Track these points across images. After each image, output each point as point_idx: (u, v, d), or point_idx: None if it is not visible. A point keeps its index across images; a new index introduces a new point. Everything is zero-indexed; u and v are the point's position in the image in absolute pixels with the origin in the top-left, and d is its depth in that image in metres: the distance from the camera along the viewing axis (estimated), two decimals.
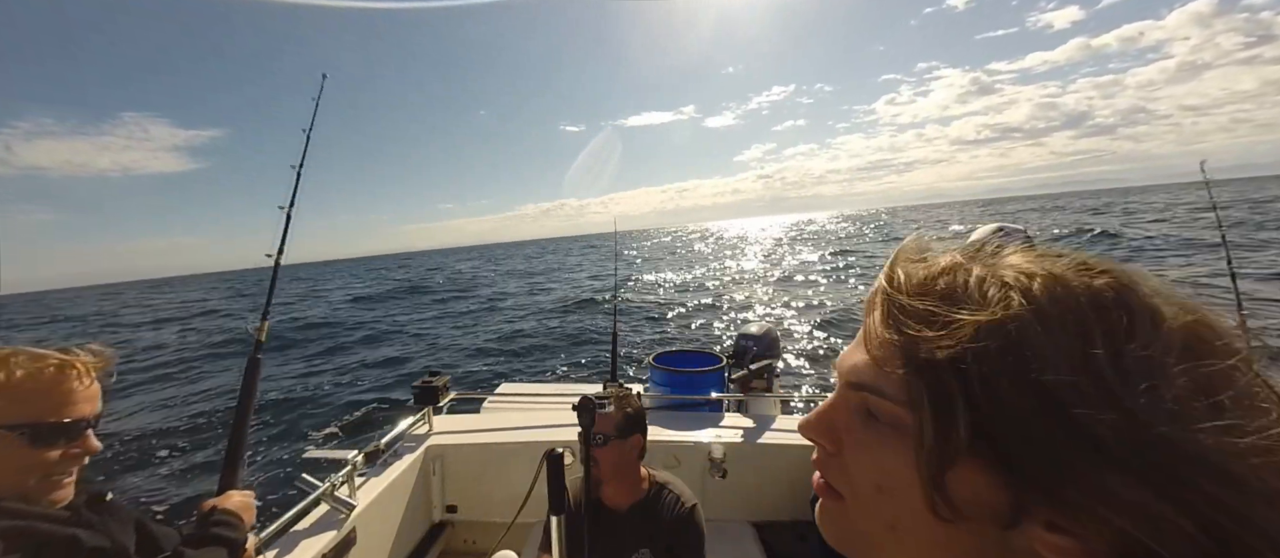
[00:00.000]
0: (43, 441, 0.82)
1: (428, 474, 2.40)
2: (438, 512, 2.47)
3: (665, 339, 10.59)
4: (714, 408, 2.71)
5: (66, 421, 0.85)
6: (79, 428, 0.86)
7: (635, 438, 1.47)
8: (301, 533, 1.70)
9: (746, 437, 2.41)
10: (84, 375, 0.87)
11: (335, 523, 1.77)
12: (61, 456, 0.84)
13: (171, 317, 26.07)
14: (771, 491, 2.39)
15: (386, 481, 2.10)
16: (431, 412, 2.58)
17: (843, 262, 22.85)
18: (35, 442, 0.82)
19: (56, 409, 0.84)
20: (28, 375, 0.82)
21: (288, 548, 1.63)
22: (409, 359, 10.50)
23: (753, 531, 2.37)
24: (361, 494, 1.94)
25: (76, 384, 0.86)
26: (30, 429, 0.81)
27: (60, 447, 0.84)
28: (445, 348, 11.43)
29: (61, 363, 0.85)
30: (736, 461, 2.31)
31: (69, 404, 0.85)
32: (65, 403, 0.84)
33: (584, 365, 8.89)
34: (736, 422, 2.56)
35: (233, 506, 1.19)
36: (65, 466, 0.85)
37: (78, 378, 0.86)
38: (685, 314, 12.95)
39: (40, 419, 0.82)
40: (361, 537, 1.86)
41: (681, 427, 2.46)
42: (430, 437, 2.46)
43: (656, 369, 2.98)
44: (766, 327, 3.07)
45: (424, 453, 2.37)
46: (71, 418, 0.85)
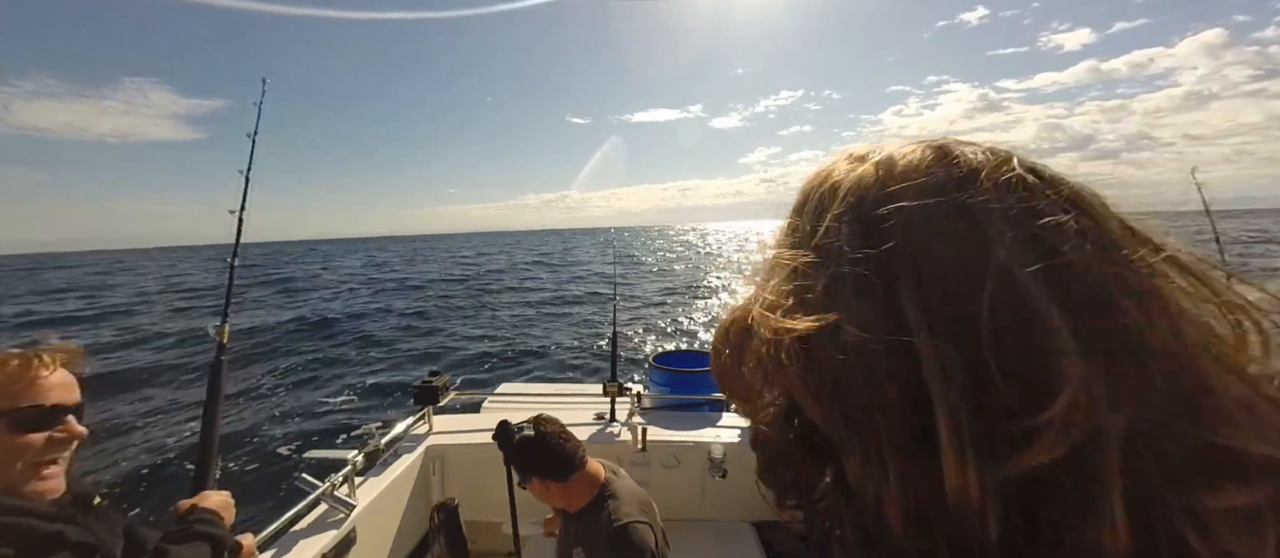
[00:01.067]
0: (21, 427, 0.82)
1: (428, 474, 2.40)
2: None
3: (666, 339, 10.57)
4: (714, 408, 2.71)
5: (45, 405, 0.85)
6: (57, 413, 0.86)
7: (533, 483, 1.48)
8: (301, 533, 1.70)
9: (747, 437, 2.41)
10: (50, 365, 0.88)
11: (335, 523, 1.77)
12: (45, 442, 0.84)
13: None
14: None
15: (386, 480, 2.10)
16: (431, 412, 2.58)
17: None
18: (13, 429, 0.82)
19: (30, 395, 0.84)
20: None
21: (288, 548, 1.63)
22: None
23: (753, 531, 2.36)
24: (361, 494, 1.93)
25: (44, 372, 0.86)
26: (5, 416, 0.81)
27: (42, 431, 0.84)
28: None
29: (25, 355, 0.86)
30: (737, 461, 2.31)
31: (42, 390, 0.85)
32: (38, 389, 0.85)
33: (583, 366, 8.88)
34: (736, 422, 2.55)
35: (212, 504, 1.18)
36: (49, 452, 0.85)
37: (44, 366, 0.87)
38: (686, 313, 12.95)
39: (14, 406, 0.82)
40: (361, 537, 1.86)
41: (681, 427, 2.46)
42: (430, 437, 2.46)
43: (657, 369, 2.98)
44: None
45: (424, 453, 2.37)
46: (49, 403, 0.85)
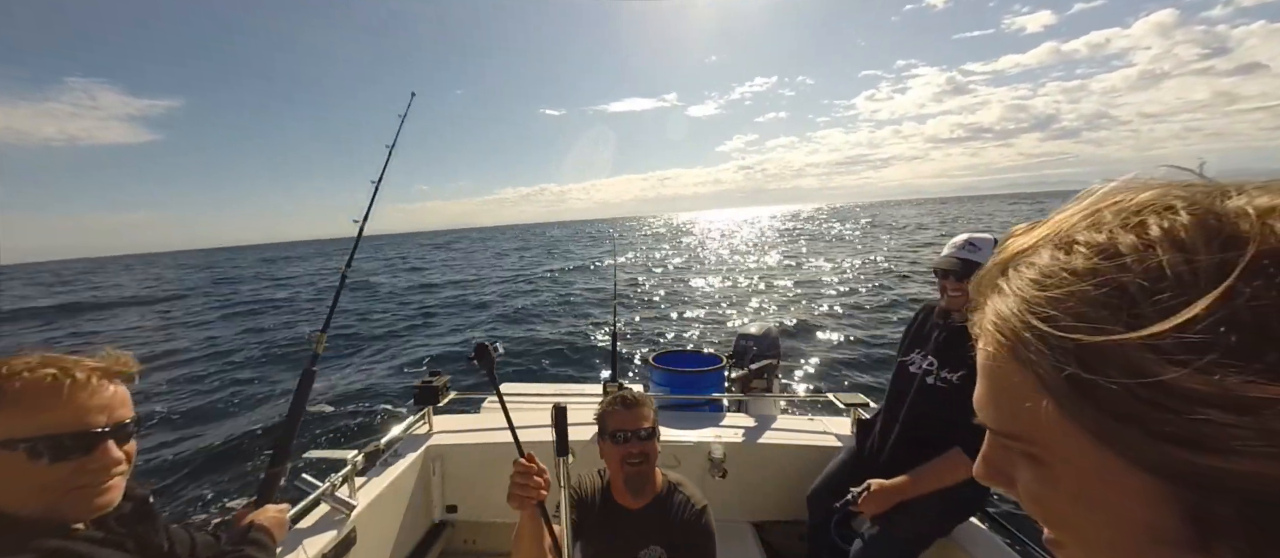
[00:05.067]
0: (49, 456, 0.75)
1: (428, 474, 2.40)
2: (438, 512, 2.47)
3: (669, 336, 10.57)
4: (714, 408, 2.72)
5: (81, 431, 0.78)
6: (93, 439, 0.79)
7: (659, 434, 1.51)
8: (301, 533, 1.70)
9: (746, 437, 2.42)
10: (89, 381, 0.80)
11: (335, 523, 1.77)
12: (78, 470, 0.78)
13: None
14: (771, 491, 2.39)
15: (386, 481, 2.10)
16: (431, 412, 2.58)
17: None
18: (44, 457, 0.75)
19: (64, 420, 0.77)
20: (26, 387, 0.75)
21: (288, 548, 1.63)
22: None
23: (753, 531, 2.37)
24: (361, 494, 1.93)
25: (82, 392, 0.79)
26: (29, 445, 0.74)
27: (74, 460, 0.77)
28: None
29: (61, 370, 0.78)
30: (736, 460, 2.31)
31: (80, 414, 0.78)
32: (75, 412, 0.78)
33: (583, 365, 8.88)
34: (736, 422, 2.56)
35: (267, 521, 1.20)
36: (91, 479, 0.79)
37: (83, 386, 0.79)
38: (687, 310, 12.95)
39: (41, 433, 0.75)
40: (361, 537, 1.86)
41: (681, 427, 2.46)
42: (430, 437, 2.46)
43: (657, 369, 2.98)
44: (766, 327, 3.07)
45: (424, 453, 2.37)
46: (85, 428, 0.78)
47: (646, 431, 1.44)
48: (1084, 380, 0.25)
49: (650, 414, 1.46)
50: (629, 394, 1.49)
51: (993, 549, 1.82)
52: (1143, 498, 0.25)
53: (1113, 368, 0.24)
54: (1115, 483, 0.26)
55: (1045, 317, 0.27)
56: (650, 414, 1.46)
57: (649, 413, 1.46)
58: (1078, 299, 0.26)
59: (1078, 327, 0.25)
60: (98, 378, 0.81)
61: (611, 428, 1.45)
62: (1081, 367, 0.25)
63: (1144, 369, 0.23)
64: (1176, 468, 0.23)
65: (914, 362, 1.85)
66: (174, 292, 28.06)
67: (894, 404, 1.89)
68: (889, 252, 24.44)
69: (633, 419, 1.44)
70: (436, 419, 2.59)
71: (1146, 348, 0.23)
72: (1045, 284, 0.27)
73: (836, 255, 23.98)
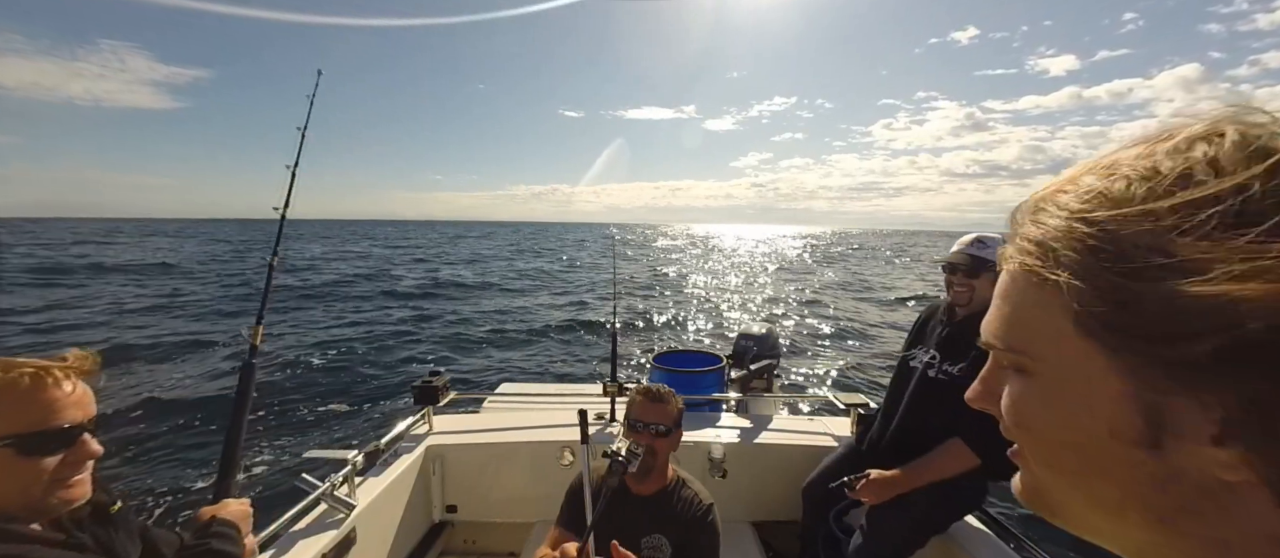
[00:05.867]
0: (35, 451, 0.79)
1: (428, 474, 2.40)
2: (438, 512, 2.47)
3: (668, 337, 10.55)
4: (714, 408, 2.72)
5: (62, 427, 0.82)
6: (72, 434, 0.83)
7: (678, 432, 1.56)
8: (301, 533, 1.70)
9: (746, 437, 2.42)
10: (64, 381, 0.84)
11: (335, 523, 1.77)
12: (60, 464, 0.82)
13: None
14: (771, 491, 2.39)
15: (386, 481, 2.10)
16: (431, 412, 2.58)
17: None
18: (27, 453, 0.79)
19: (44, 417, 0.81)
20: (4, 386, 0.79)
21: (288, 548, 1.63)
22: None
23: (753, 531, 2.37)
24: (361, 494, 1.93)
25: (58, 391, 0.82)
26: (17, 441, 0.78)
27: (56, 455, 0.81)
28: None
29: (38, 369, 0.81)
30: (736, 460, 2.31)
31: (57, 410, 0.82)
32: (52, 409, 0.81)
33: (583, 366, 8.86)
34: (736, 422, 2.56)
35: (230, 515, 1.18)
36: (64, 473, 0.83)
37: (58, 384, 0.83)
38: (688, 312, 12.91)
39: (28, 429, 0.79)
40: (361, 537, 1.86)
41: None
42: (430, 437, 2.46)
43: (657, 369, 2.98)
44: (767, 327, 3.07)
45: (424, 453, 2.37)
46: (64, 424, 0.82)
47: (661, 428, 1.50)
48: (1114, 282, 0.26)
49: (671, 413, 1.52)
50: (657, 389, 1.55)
51: (992, 550, 1.82)
52: (1112, 397, 0.27)
53: (1141, 253, 0.25)
54: (1094, 380, 0.28)
55: (1090, 220, 0.28)
56: (671, 413, 1.52)
57: (670, 412, 1.52)
58: (1124, 210, 0.27)
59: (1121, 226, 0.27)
60: (70, 377, 0.86)
61: (632, 416, 1.52)
62: (1118, 272, 0.26)
63: (1162, 246, 0.25)
64: (1157, 356, 0.25)
65: (915, 357, 1.85)
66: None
67: (894, 397, 1.90)
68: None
69: (652, 413, 1.51)
70: (436, 419, 2.59)
71: (1167, 225, 0.25)
72: (1087, 198, 0.29)
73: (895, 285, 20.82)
